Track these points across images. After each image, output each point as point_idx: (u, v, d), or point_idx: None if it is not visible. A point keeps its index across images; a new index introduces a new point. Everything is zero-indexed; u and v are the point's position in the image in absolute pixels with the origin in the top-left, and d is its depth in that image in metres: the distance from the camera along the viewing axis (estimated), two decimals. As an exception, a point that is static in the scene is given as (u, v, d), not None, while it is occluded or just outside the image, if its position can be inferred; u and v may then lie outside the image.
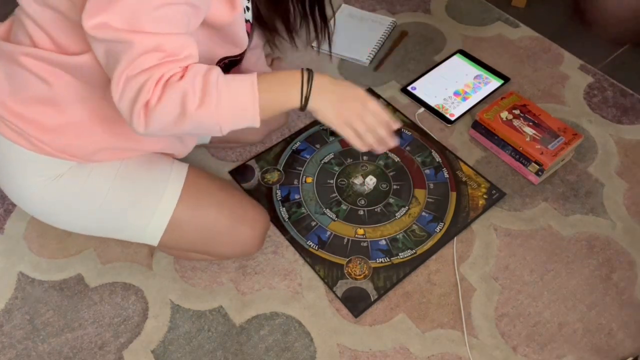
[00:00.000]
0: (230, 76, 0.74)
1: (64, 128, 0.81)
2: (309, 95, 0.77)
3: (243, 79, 0.74)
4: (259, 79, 0.74)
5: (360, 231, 1.11)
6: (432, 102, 1.33)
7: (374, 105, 0.81)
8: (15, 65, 0.78)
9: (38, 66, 0.76)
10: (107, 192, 0.87)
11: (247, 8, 0.88)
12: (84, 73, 0.77)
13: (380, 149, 0.83)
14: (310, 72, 0.78)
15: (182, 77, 0.69)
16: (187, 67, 0.70)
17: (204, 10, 0.74)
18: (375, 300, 1.02)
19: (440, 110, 1.31)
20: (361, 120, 0.79)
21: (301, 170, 1.21)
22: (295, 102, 0.77)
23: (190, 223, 0.92)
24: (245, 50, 0.90)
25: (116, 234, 0.94)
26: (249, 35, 0.89)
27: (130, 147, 0.88)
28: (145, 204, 0.90)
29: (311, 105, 0.77)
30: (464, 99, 1.34)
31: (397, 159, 1.23)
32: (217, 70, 0.72)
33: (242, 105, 0.74)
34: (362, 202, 1.15)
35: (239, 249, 0.99)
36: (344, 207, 1.15)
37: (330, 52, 1.10)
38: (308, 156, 1.23)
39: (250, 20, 0.90)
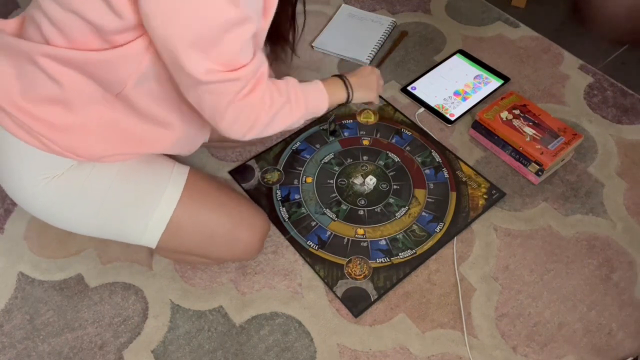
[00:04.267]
0: (308, 88, 0.94)
1: (73, 128, 0.81)
2: (351, 94, 1.03)
3: (320, 93, 0.97)
4: (327, 87, 0.98)
5: (360, 231, 1.11)
6: (432, 102, 1.33)
7: (379, 79, 1.11)
8: (29, 64, 0.77)
9: (52, 66, 0.76)
10: (107, 191, 0.87)
11: None
12: (98, 71, 0.76)
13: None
14: (344, 78, 1.03)
15: (280, 95, 0.86)
16: (276, 83, 0.87)
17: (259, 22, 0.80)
18: (375, 300, 1.02)
19: (440, 110, 1.31)
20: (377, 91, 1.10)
21: (301, 170, 1.21)
22: (343, 99, 1.03)
23: (190, 225, 0.92)
24: None
25: (115, 235, 0.94)
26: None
27: (139, 152, 0.88)
28: (144, 205, 0.89)
29: (353, 99, 1.05)
30: (464, 99, 1.34)
31: (397, 159, 1.23)
32: (296, 83, 0.91)
33: (318, 110, 0.97)
34: (362, 202, 1.15)
35: (237, 253, 0.99)
36: (344, 207, 1.15)
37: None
38: (308, 156, 1.23)
39: None
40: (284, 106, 0.86)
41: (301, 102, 0.90)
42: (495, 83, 1.37)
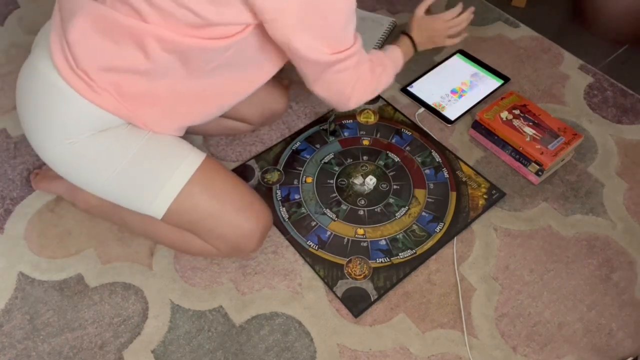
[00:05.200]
0: (391, 55, 1.09)
1: (145, 96, 0.87)
2: (416, 48, 1.17)
3: (398, 56, 1.11)
4: (401, 49, 1.12)
5: (360, 231, 1.11)
6: (429, 101, 1.33)
7: (448, 23, 1.18)
8: (123, 37, 0.80)
9: (146, 42, 0.79)
10: (130, 155, 0.90)
11: None
12: (186, 54, 0.82)
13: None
14: (412, 38, 1.16)
15: (379, 64, 1.03)
16: (372, 58, 1.02)
17: None
18: (375, 300, 1.02)
19: (437, 108, 1.31)
20: (447, 36, 1.19)
21: (301, 170, 1.21)
22: (412, 54, 1.17)
23: (202, 195, 0.94)
24: None
25: (125, 199, 0.95)
26: None
27: (186, 122, 0.95)
28: (161, 173, 0.92)
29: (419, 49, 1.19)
30: (460, 96, 1.34)
31: (397, 159, 1.23)
32: (383, 54, 1.07)
33: (399, 67, 1.11)
34: (362, 202, 1.15)
35: (239, 238, 0.98)
36: (344, 207, 1.15)
37: None
38: (308, 156, 1.23)
39: None
40: (382, 72, 1.03)
41: (391, 67, 1.07)
42: (495, 83, 1.37)
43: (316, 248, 1.08)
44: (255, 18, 0.81)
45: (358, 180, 1.19)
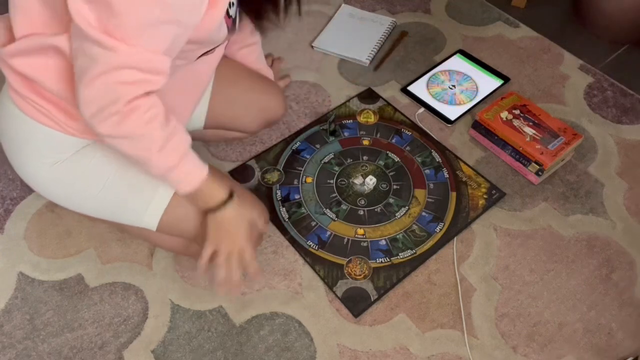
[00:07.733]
0: (193, 155, 0.85)
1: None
2: (217, 214, 0.88)
3: (199, 172, 0.85)
4: (206, 183, 0.86)
5: (360, 231, 1.11)
6: (427, 99, 1.33)
7: (249, 255, 0.90)
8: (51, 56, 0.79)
9: (51, 54, 0.78)
10: (110, 174, 0.90)
11: (232, 4, 0.85)
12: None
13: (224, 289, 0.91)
14: (232, 197, 0.88)
15: (164, 127, 0.78)
16: (169, 116, 0.79)
17: (191, 29, 0.76)
18: (375, 300, 1.02)
19: (442, 102, 1.31)
20: (226, 259, 0.89)
21: (301, 170, 1.21)
22: (210, 207, 0.88)
23: (190, 207, 0.92)
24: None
25: (116, 216, 0.95)
26: (230, 29, 0.89)
27: None
28: (147, 185, 0.91)
29: (212, 218, 0.88)
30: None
31: (397, 159, 1.23)
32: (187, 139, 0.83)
33: (178, 183, 0.85)
34: (362, 202, 1.15)
35: None
36: (344, 207, 1.15)
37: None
38: (308, 156, 1.23)
39: (234, 16, 0.89)
40: (156, 139, 0.76)
41: (174, 155, 0.80)
42: (495, 83, 1.37)
43: (316, 248, 1.08)
44: None
45: (358, 180, 1.19)
